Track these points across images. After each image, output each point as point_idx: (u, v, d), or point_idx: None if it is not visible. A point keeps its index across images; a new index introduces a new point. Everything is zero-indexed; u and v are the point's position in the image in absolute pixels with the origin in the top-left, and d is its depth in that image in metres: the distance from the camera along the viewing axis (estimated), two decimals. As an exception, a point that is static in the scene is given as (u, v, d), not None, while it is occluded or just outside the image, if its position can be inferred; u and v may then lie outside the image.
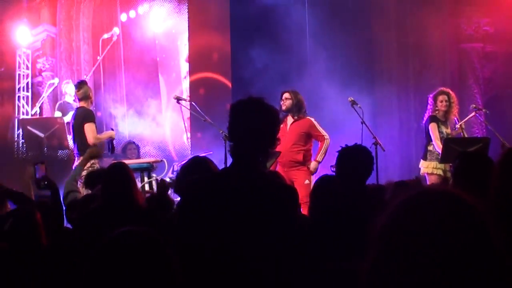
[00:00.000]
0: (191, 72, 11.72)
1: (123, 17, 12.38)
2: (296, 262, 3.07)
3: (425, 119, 8.83)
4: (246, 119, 3.14)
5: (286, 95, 8.66)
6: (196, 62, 11.72)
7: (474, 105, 9.42)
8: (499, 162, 3.21)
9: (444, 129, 8.63)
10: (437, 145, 8.46)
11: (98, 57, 11.23)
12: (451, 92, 8.85)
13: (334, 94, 10.70)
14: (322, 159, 8.49)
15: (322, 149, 8.53)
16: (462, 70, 10.83)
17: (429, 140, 8.68)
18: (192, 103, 9.40)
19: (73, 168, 8.37)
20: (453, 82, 10.44)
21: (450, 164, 7.81)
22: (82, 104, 8.51)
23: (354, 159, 4.07)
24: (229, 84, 11.27)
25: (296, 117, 8.57)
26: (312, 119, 8.68)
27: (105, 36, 11.26)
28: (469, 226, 1.31)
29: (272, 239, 3.00)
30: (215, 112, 9.39)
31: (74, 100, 11.29)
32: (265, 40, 10.89)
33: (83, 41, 12.22)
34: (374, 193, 4.72)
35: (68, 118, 10.72)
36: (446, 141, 8.23)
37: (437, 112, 8.70)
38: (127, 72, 12.30)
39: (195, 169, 4.04)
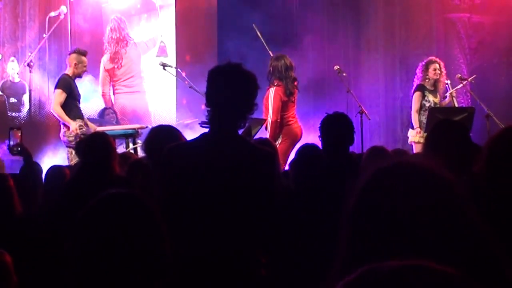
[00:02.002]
0: (178, 36, 11.61)
1: (72, -5, 12.06)
2: (277, 225, 3.13)
3: (413, 87, 8.86)
4: (223, 84, 3.16)
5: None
6: (182, 25, 11.60)
7: (459, 75, 9.45)
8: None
9: (432, 98, 8.63)
10: (413, 117, 8.51)
11: (44, 35, 10.96)
12: (440, 61, 8.88)
13: (321, 62, 10.69)
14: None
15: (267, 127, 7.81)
16: (448, 40, 10.83)
17: (416, 109, 8.72)
18: (178, 69, 9.36)
19: (61, 136, 8.31)
20: (439, 52, 10.44)
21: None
22: (67, 71, 8.49)
23: (335, 127, 4.10)
24: (216, 49, 11.19)
25: (269, 85, 7.95)
26: (271, 89, 7.88)
27: (52, 14, 10.98)
28: (442, 200, 1.30)
29: (252, 202, 3.05)
30: (202, 79, 9.31)
31: (21, 77, 11.01)
32: (253, 3, 10.81)
33: (29, 18, 11.87)
34: (357, 161, 4.77)
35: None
36: (431, 110, 8.26)
37: (427, 80, 8.70)
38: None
39: (167, 137, 3.97)
